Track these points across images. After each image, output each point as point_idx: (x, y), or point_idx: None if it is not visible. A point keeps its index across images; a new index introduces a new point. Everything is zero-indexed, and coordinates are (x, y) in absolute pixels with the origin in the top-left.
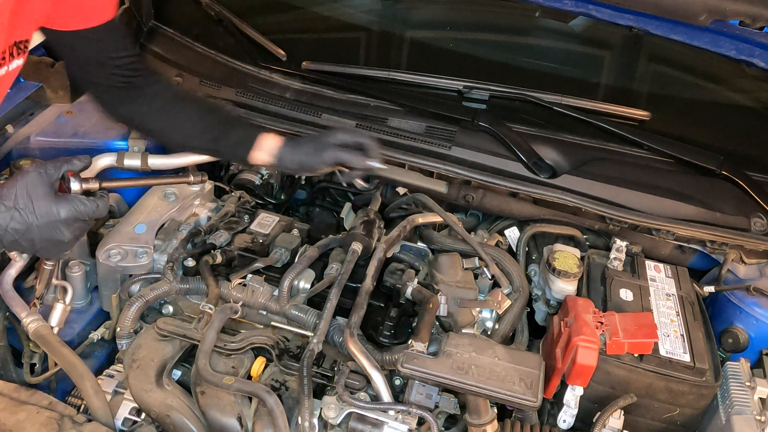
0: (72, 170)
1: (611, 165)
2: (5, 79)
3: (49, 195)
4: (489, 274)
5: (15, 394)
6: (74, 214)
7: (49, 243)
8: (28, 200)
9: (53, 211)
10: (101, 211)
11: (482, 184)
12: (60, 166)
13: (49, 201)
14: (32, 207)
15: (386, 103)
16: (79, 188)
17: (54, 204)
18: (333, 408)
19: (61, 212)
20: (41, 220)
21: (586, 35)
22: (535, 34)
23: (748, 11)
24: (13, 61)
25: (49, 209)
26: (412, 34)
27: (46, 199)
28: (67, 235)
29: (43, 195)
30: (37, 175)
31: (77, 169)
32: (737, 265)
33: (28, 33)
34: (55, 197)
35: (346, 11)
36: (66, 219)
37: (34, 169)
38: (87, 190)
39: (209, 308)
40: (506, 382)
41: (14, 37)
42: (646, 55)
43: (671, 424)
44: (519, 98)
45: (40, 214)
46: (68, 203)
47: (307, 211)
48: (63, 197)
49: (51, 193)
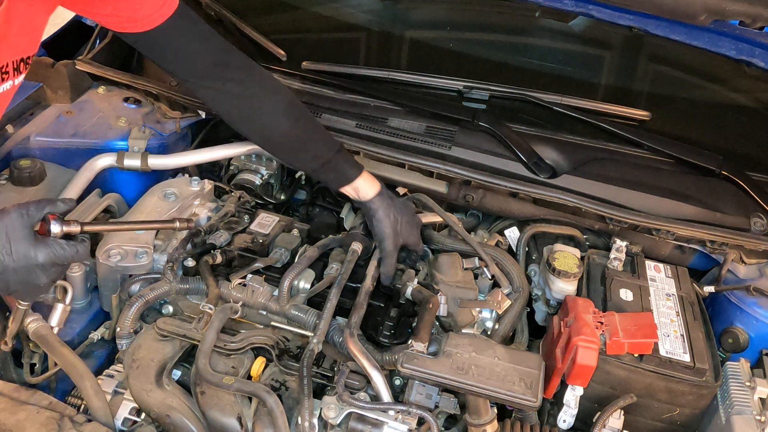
0: (54, 212)
1: (611, 165)
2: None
3: (27, 238)
4: (489, 274)
5: (15, 394)
6: (52, 258)
7: (24, 286)
8: (6, 241)
9: (31, 255)
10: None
11: (482, 184)
12: (42, 207)
13: (28, 244)
14: (9, 249)
15: (386, 103)
16: (59, 231)
17: (32, 248)
18: (333, 408)
19: (39, 256)
20: (18, 263)
21: (586, 35)
22: (535, 34)
23: (748, 11)
24: (19, 75)
25: (27, 253)
26: (412, 34)
27: (24, 242)
28: (43, 279)
29: (21, 237)
30: (18, 216)
31: (60, 211)
32: (737, 265)
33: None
34: (34, 240)
35: (346, 11)
36: (43, 264)
37: (16, 209)
38: (67, 233)
39: (209, 308)
40: (506, 382)
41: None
42: (646, 55)
43: (671, 424)
44: (519, 98)
45: (17, 257)
46: (47, 248)
47: (307, 211)
48: (42, 241)
49: (30, 235)
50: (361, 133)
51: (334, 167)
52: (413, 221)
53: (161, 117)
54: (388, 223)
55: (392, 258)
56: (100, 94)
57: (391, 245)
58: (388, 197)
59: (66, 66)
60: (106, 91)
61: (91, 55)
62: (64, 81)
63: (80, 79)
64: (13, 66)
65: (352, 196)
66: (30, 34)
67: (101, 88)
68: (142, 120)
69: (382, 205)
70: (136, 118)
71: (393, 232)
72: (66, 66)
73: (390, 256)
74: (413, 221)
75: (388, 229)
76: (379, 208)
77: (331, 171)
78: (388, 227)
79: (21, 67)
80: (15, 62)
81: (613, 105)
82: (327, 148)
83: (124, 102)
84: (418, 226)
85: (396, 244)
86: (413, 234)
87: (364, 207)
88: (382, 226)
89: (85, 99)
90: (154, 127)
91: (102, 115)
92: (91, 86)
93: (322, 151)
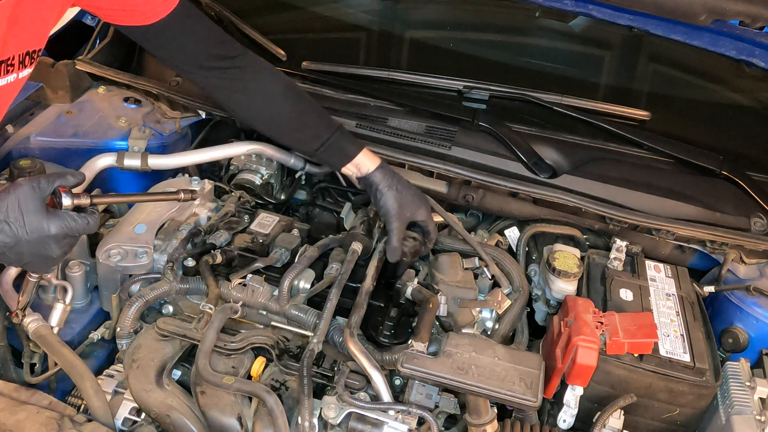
0: (64, 185)
1: (611, 165)
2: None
3: (40, 210)
4: (489, 274)
5: (15, 394)
6: (64, 230)
7: (37, 258)
8: (19, 214)
9: (43, 227)
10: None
11: (482, 184)
12: (53, 180)
13: (40, 216)
14: (23, 221)
15: (386, 103)
16: (70, 204)
17: (45, 219)
18: (333, 408)
19: (51, 228)
20: (31, 235)
21: (586, 35)
22: (535, 34)
23: (748, 11)
24: (24, 69)
25: (40, 224)
26: (412, 34)
27: (37, 214)
28: (55, 250)
29: (34, 210)
30: (29, 189)
31: (70, 184)
32: (737, 265)
33: (41, 42)
34: (46, 213)
35: (346, 11)
36: (56, 235)
37: (27, 182)
38: (78, 206)
39: (209, 308)
40: (506, 382)
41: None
42: (646, 55)
43: (671, 424)
44: (519, 98)
45: (30, 229)
46: (59, 219)
47: (307, 211)
48: (54, 213)
49: (42, 208)
50: (361, 133)
51: (334, 146)
52: (420, 196)
53: (161, 117)
54: (391, 195)
55: (398, 233)
56: (100, 94)
57: (397, 218)
58: (390, 171)
59: (66, 66)
60: (106, 91)
61: (91, 55)
62: (64, 81)
63: (80, 79)
64: (18, 59)
65: (355, 174)
66: (38, 27)
67: (101, 88)
68: (142, 120)
69: (384, 179)
70: (136, 118)
71: (398, 205)
72: (66, 66)
73: (396, 230)
74: (420, 196)
75: (391, 202)
76: (381, 182)
77: (331, 150)
78: (391, 199)
79: (26, 61)
80: (21, 55)
81: (613, 105)
82: (326, 128)
83: (124, 102)
84: (425, 201)
85: (402, 217)
86: (421, 209)
87: (366, 183)
88: (386, 199)
89: (85, 99)
90: (154, 127)
91: (102, 115)
92: (91, 86)
93: (321, 130)
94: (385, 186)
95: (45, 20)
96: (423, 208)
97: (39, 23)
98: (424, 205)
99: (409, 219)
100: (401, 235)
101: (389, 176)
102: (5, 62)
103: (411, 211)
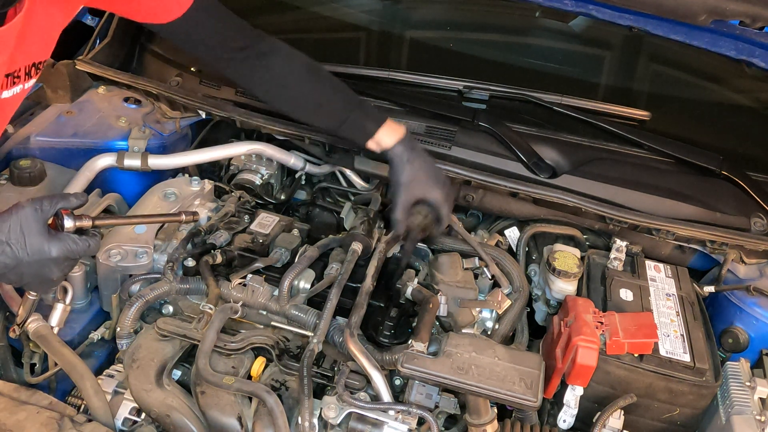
0: (66, 207)
1: (611, 165)
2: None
3: (42, 232)
4: (489, 274)
5: (15, 394)
6: (65, 253)
7: (37, 279)
8: (20, 236)
9: (45, 250)
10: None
11: (482, 184)
12: (55, 202)
13: (42, 239)
14: (24, 243)
15: (386, 103)
16: (72, 226)
17: (46, 242)
18: (333, 408)
19: (52, 251)
20: (32, 257)
21: (586, 35)
22: (535, 34)
23: (748, 11)
24: (29, 80)
25: (41, 247)
26: (412, 34)
27: (38, 236)
28: (55, 273)
29: (36, 232)
30: (32, 211)
31: (72, 206)
32: (737, 265)
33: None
34: (47, 235)
35: (346, 11)
36: (56, 258)
37: (30, 204)
38: (79, 228)
39: (209, 308)
40: (506, 382)
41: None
42: (646, 55)
43: (671, 424)
44: (519, 98)
45: (31, 251)
46: (60, 242)
47: (307, 211)
48: (55, 236)
49: (44, 230)
50: None
51: (355, 123)
52: (437, 176)
53: (161, 117)
54: (404, 169)
55: (402, 205)
56: (100, 94)
57: (403, 191)
58: (411, 146)
59: (66, 66)
60: (106, 91)
61: (91, 55)
62: (64, 81)
63: (80, 79)
64: (25, 71)
65: (377, 150)
66: (45, 41)
67: (101, 88)
68: (142, 120)
69: (402, 153)
70: (136, 118)
71: (408, 179)
72: (66, 66)
73: (400, 203)
74: (437, 176)
75: (402, 175)
76: (397, 156)
77: (353, 128)
78: (403, 173)
79: (32, 72)
80: (27, 67)
81: (613, 105)
82: (346, 106)
83: (124, 102)
84: (443, 183)
85: (409, 192)
86: (435, 189)
87: (388, 158)
88: (398, 173)
89: (85, 99)
90: (154, 127)
91: (102, 115)
92: (91, 86)
93: (341, 108)
94: (401, 161)
95: (52, 33)
96: (437, 188)
97: (47, 37)
98: (440, 186)
99: (418, 196)
100: (404, 208)
101: (408, 151)
102: (12, 74)
103: (422, 188)
